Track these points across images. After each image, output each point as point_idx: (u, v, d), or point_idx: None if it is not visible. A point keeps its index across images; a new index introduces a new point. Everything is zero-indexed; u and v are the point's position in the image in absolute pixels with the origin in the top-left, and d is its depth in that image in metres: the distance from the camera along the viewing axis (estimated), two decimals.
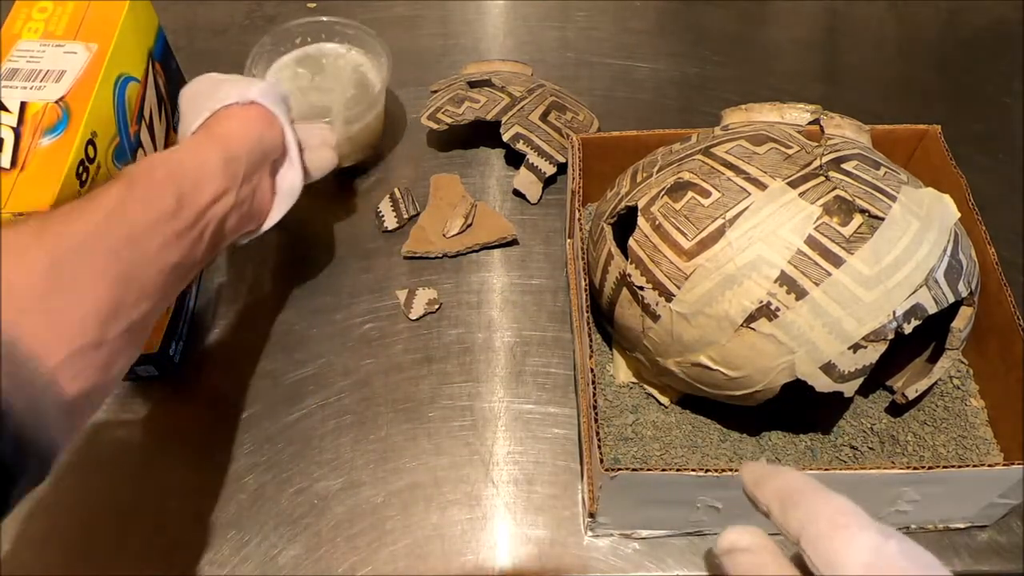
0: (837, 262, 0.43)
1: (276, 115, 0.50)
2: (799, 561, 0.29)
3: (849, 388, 0.44)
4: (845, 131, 0.50)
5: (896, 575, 0.26)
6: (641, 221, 0.48)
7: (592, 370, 0.47)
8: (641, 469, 0.42)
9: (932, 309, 0.44)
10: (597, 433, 0.44)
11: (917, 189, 0.47)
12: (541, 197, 0.69)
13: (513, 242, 0.65)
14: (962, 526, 0.49)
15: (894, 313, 0.43)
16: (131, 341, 0.38)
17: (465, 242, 0.64)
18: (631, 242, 0.48)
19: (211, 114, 0.48)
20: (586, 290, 0.51)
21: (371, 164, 0.71)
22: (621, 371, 0.55)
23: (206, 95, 0.49)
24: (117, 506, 0.52)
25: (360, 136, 0.66)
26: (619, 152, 0.59)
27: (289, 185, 0.52)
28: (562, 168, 0.69)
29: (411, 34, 0.85)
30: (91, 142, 0.47)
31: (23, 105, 0.47)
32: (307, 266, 0.64)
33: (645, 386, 0.54)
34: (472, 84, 0.72)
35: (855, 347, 0.43)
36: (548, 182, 0.69)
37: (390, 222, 0.66)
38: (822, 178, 0.45)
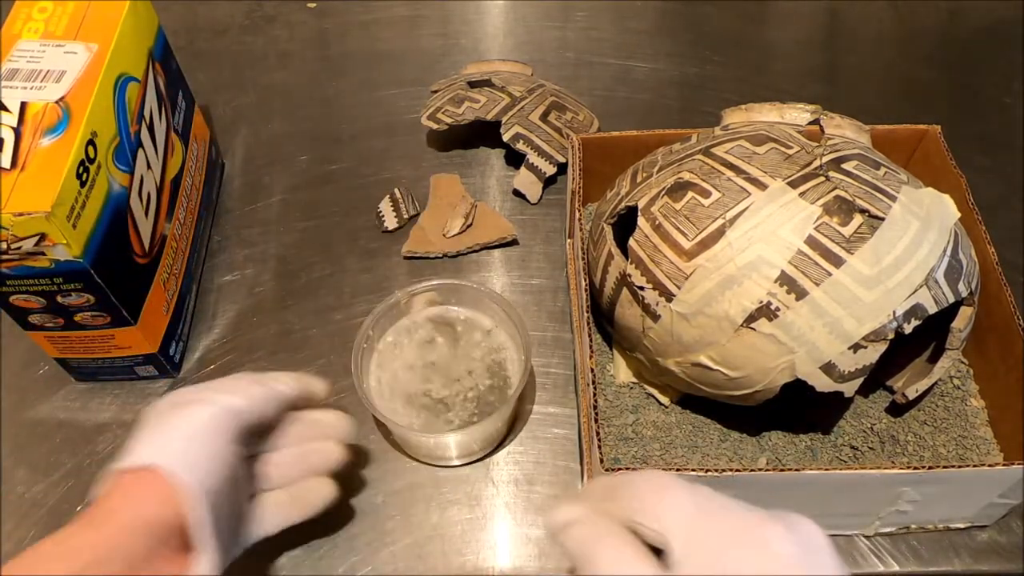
0: (837, 262, 0.43)
1: (179, 486, 0.37)
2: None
3: (849, 388, 0.44)
4: (845, 131, 0.50)
5: (718, 508, 0.29)
6: (641, 221, 0.48)
7: (592, 370, 0.47)
8: (641, 469, 0.42)
9: (932, 309, 0.44)
10: (597, 433, 0.44)
11: (917, 189, 0.47)
12: (541, 197, 0.69)
13: (513, 242, 0.65)
14: (962, 526, 0.49)
15: (894, 313, 0.43)
16: None
17: (465, 242, 0.64)
18: (631, 242, 0.48)
19: (112, 479, 0.38)
20: (586, 290, 0.51)
21: (371, 165, 0.71)
22: (621, 371, 0.55)
23: (145, 437, 0.39)
24: None
25: (476, 443, 0.52)
26: (619, 152, 0.59)
27: None
28: (562, 168, 0.69)
29: (411, 34, 0.85)
30: (91, 142, 0.47)
31: (23, 105, 0.46)
32: (307, 266, 0.64)
33: (645, 386, 0.54)
34: (472, 84, 0.72)
35: (855, 347, 0.43)
36: (548, 182, 0.69)
37: (390, 222, 0.66)
38: (822, 178, 0.45)
